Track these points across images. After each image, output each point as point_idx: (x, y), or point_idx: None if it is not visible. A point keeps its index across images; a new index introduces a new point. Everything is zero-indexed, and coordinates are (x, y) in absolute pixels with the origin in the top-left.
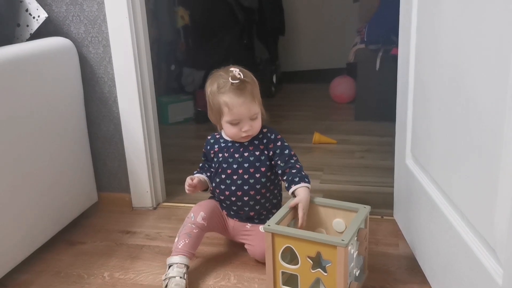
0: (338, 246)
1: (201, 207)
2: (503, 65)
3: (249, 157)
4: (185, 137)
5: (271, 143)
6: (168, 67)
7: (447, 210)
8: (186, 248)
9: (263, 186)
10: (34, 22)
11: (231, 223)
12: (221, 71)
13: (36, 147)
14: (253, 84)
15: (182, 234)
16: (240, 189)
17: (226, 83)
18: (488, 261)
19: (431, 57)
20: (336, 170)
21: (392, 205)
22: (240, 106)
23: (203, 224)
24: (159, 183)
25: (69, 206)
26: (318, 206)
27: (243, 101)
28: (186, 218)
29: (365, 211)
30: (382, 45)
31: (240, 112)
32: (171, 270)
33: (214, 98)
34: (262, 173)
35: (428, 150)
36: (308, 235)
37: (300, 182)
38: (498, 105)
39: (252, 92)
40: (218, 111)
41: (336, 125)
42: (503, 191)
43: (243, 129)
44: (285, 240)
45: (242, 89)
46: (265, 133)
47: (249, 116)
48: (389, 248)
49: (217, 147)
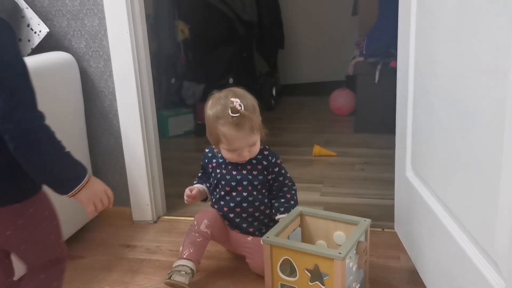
0: (335, 259)
1: (204, 214)
2: (501, 77)
3: (247, 175)
4: (186, 150)
5: (271, 167)
6: (169, 80)
7: (448, 222)
8: (192, 256)
9: (261, 203)
10: (36, 37)
11: (233, 234)
12: (222, 95)
13: None
14: (252, 116)
15: (186, 243)
16: (239, 206)
17: (226, 115)
18: (490, 274)
19: (430, 69)
20: (337, 183)
21: (393, 218)
22: (238, 139)
23: (206, 232)
24: (160, 197)
25: (69, 220)
26: (319, 219)
27: (242, 135)
28: (190, 226)
29: (365, 224)
30: (381, 58)
31: (238, 145)
32: (177, 266)
33: (212, 125)
34: (259, 191)
35: (428, 163)
36: (305, 248)
37: (284, 212)
38: (497, 117)
39: (251, 125)
40: (215, 137)
41: (336, 137)
42: (503, 204)
43: (242, 155)
44: (283, 252)
45: (241, 124)
46: (266, 155)
47: (248, 146)
48: (390, 261)
49: (215, 162)
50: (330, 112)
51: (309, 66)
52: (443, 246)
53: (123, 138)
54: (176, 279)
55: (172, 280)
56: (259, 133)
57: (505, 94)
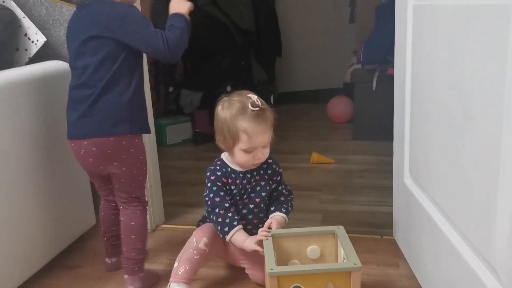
0: (353, 272)
1: (203, 232)
2: (499, 83)
3: (256, 186)
4: (184, 159)
5: (275, 175)
6: (166, 89)
7: (447, 229)
8: (186, 275)
9: (264, 214)
10: (33, 46)
11: (231, 248)
12: (235, 97)
13: (34, 170)
14: (270, 112)
15: (182, 259)
16: (245, 218)
17: (246, 110)
18: (490, 281)
19: (427, 76)
20: (335, 190)
21: (391, 225)
22: (259, 134)
23: (205, 250)
24: (158, 205)
25: (67, 229)
26: (289, 238)
27: (263, 129)
28: (188, 243)
29: (343, 230)
30: (378, 65)
31: (258, 140)
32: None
33: (230, 124)
34: (265, 202)
35: (426, 170)
36: (318, 269)
37: (275, 211)
38: (495, 124)
39: (270, 120)
40: (234, 137)
41: (334, 145)
42: (502, 211)
43: (256, 156)
44: (292, 280)
45: (262, 117)
46: (270, 164)
47: (263, 145)
48: (390, 268)
49: (230, 179)
50: (328, 120)
51: (307, 74)
52: (442, 253)
53: None
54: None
55: None
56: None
57: (502, 102)
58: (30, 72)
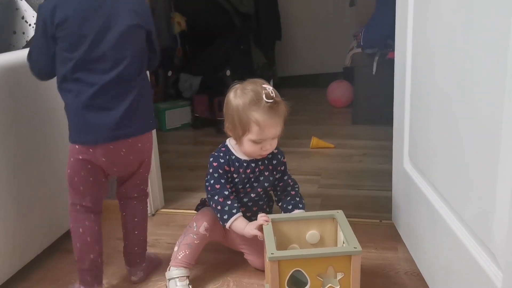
0: (353, 255)
1: (203, 217)
2: (500, 68)
3: (259, 176)
4: (183, 144)
5: (279, 165)
6: (165, 73)
7: (446, 214)
8: (185, 259)
9: (261, 198)
10: (30, 29)
11: (231, 233)
12: (248, 86)
13: (33, 154)
14: (284, 105)
15: (182, 244)
16: (245, 206)
17: (260, 101)
18: (488, 265)
19: (428, 60)
20: (334, 175)
21: (390, 209)
22: (271, 127)
23: (205, 235)
24: (157, 190)
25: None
26: (288, 223)
27: (276, 122)
28: (188, 227)
29: (342, 215)
30: (379, 49)
31: (270, 133)
32: (175, 285)
33: (242, 113)
34: (266, 192)
35: (426, 154)
36: (318, 253)
37: (294, 209)
38: (496, 109)
39: (283, 113)
40: (244, 127)
41: (333, 129)
42: (502, 196)
43: (265, 148)
44: (292, 264)
45: (275, 110)
46: (275, 154)
47: (273, 137)
48: (388, 252)
49: (232, 167)
50: (328, 104)
51: (307, 58)
52: (441, 237)
53: None
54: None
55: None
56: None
57: (503, 85)
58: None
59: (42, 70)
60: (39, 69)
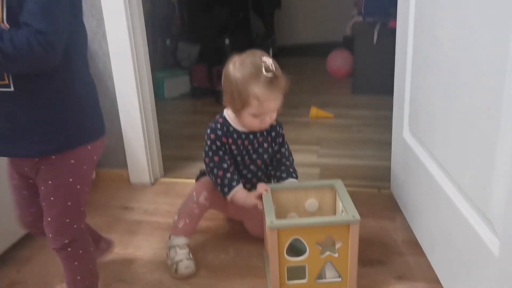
0: (351, 224)
1: (203, 186)
2: (503, 38)
3: (258, 148)
4: (182, 113)
5: (278, 137)
6: (163, 41)
7: (445, 183)
8: (186, 229)
9: (263, 172)
10: None
11: (231, 202)
12: (248, 58)
13: None
14: (284, 79)
15: (182, 213)
16: (244, 177)
17: (259, 75)
18: (485, 233)
19: (430, 29)
20: (333, 145)
21: (389, 179)
22: (271, 101)
23: (205, 204)
24: (157, 159)
25: None
26: (287, 192)
27: (275, 96)
28: (188, 197)
29: (341, 184)
30: (380, 18)
31: (269, 107)
32: (175, 253)
33: (242, 87)
34: (266, 164)
35: (426, 124)
36: (317, 221)
37: (288, 177)
38: (496, 78)
39: (282, 87)
40: (243, 101)
41: (333, 99)
42: (500, 165)
43: (264, 121)
44: (291, 233)
45: (275, 84)
46: (274, 126)
47: (275, 110)
48: (386, 221)
49: (230, 139)
50: (327, 74)
51: (306, 26)
52: (439, 206)
53: (119, 101)
54: (184, 273)
55: (180, 275)
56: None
57: (505, 55)
58: None
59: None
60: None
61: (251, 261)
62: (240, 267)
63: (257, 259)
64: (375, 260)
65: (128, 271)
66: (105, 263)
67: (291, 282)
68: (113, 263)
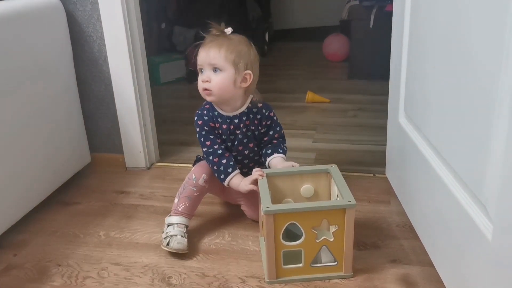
0: (347, 209)
1: (202, 168)
2: (500, 23)
3: (247, 132)
4: (177, 97)
5: (264, 119)
6: (159, 25)
7: (439, 167)
8: (186, 211)
9: (256, 153)
10: None
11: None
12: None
13: (25, 108)
14: (239, 42)
15: (182, 196)
16: (240, 162)
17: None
18: (479, 217)
19: (427, 14)
20: (329, 129)
21: (384, 163)
22: (207, 50)
23: (204, 186)
24: (152, 144)
25: (62, 166)
26: (283, 177)
27: (210, 46)
28: (187, 179)
29: (337, 169)
30: (377, 2)
31: (201, 56)
32: (172, 228)
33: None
34: (259, 146)
35: (421, 109)
36: (313, 206)
37: (273, 153)
38: (493, 62)
39: (233, 50)
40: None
41: (329, 83)
42: (495, 149)
43: (201, 78)
44: (287, 218)
45: (220, 39)
46: (260, 108)
47: (208, 63)
48: (381, 205)
49: (217, 124)
50: (324, 58)
51: (303, 10)
52: (433, 190)
53: (114, 85)
54: (175, 247)
55: (170, 248)
56: (237, 71)
57: (501, 38)
58: (18, 6)
59: None
60: None
61: (247, 245)
62: (236, 251)
63: (253, 243)
64: (370, 244)
65: (124, 255)
66: (102, 247)
67: (287, 266)
68: (109, 247)
